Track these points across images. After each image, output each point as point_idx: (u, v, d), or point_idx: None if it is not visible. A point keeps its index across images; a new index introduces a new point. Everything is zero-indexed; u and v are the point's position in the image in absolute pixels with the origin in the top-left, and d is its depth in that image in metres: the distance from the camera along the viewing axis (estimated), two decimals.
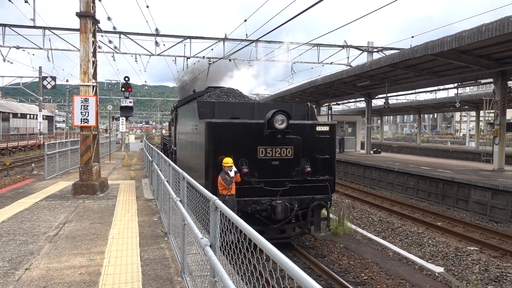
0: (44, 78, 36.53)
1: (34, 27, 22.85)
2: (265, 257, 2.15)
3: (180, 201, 5.43)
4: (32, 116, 64.22)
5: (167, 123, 38.08)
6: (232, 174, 8.25)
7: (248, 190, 8.70)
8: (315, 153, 9.27)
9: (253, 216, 8.67)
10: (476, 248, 10.44)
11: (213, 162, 8.73)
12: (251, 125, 8.95)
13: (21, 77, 43.33)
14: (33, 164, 20.64)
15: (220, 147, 8.73)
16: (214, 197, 3.39)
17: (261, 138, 8.82)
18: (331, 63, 28.61)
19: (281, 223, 8.90)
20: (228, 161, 8.25)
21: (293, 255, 9.49)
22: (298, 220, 9.45)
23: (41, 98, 42.57)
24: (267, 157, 8.89)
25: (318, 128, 9.40)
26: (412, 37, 25.17)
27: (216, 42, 24.96)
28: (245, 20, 19.65)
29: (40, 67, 39.27)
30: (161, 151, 16.06)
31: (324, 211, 9.97)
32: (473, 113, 41.95)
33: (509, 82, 18.75)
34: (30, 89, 47.98)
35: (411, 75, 20.63)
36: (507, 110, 20.07)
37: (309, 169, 9.05)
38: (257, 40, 20.68)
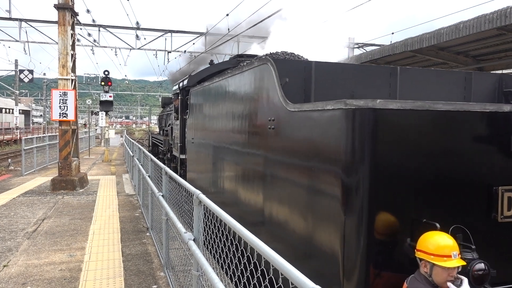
0: (21, 71, 35.58)
1: (10, 19, 22.19)
2: (249, 250, 2.17)
3: (162, 196, 5.41)
4: (8, 110, 62.57)
5: (155, 117, 29.44)
6: None
7: None
8: None
9: None
10: None
11: (370, 236, 2.75)
12: (482, 118, 3.00)
13: None
14: (9, 160, 20.12)
15: (400, 191, 2.83)
16: (198, 191, 3.39)
17: (505, 160, 3.03)
18: None
19: None
20: (449, 248, 2.47)
21: None
22: None
23: (17, 92, 41.52)
24: None
25: None
26: (392, 33, 25.42)
27: (198, 37, 24.77)
28: (227, 15, 19.58)
29: (16, 60, 38.26)
30: (149, 152, 11.65)
31: None
32: None
33: None
34: (6, 82, 46.69)
35: None
36: None
37: None
38: (239, 35, 20.63)
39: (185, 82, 9.54)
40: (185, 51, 25.30)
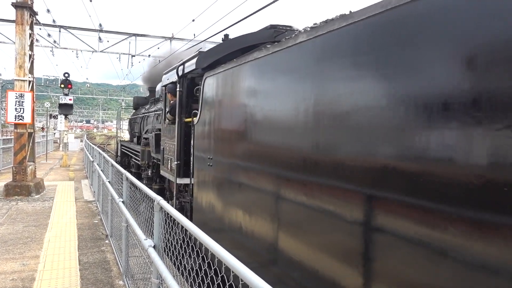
0: None
1: None
2: (210, 256, 2.16)
3: (122, 202, 5.29)
4: None
5: (126, 121, 22.92)
6: None
7: None
8: None
9: None
10: None
11: None
12: None
13: None
14: None
15: None
16: (159, 197, 3.34)
17: None
18: None
19: None
20: None
21: None
22: None
23: None
24: None
25: None
26: None
27: (163, 41, 24.51)
28: (193, 20, 19.48)
29: None
30: (117, 164, 8.51)
31: None
32: None
33: None
34: None
35: None
36: None
37: None
38: (205, 41, 20.60)
39: (190, 64, 6.31)
40: (149, 55, 24.99)
